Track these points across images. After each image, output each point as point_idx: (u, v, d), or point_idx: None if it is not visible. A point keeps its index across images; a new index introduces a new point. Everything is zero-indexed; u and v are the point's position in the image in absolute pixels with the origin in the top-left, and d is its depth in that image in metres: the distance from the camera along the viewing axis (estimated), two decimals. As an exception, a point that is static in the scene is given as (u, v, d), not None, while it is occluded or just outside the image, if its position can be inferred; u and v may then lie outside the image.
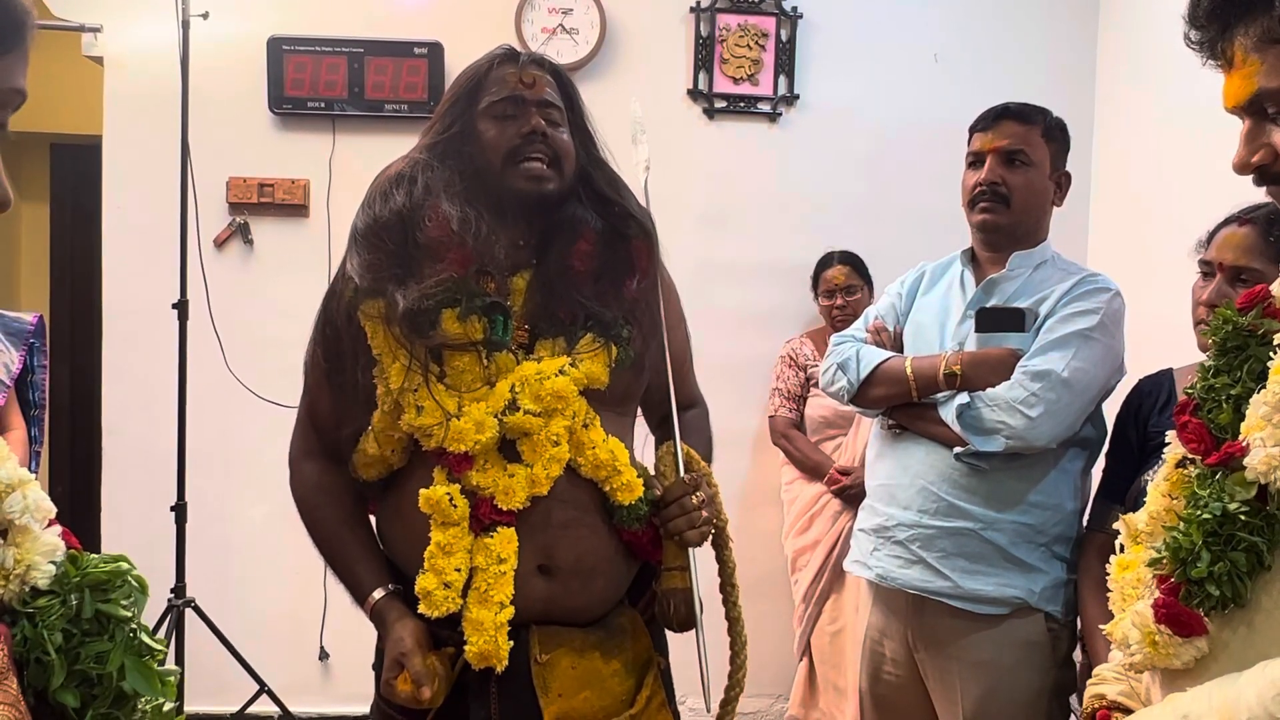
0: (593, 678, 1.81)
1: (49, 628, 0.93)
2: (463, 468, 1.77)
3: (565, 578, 1.81)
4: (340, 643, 4.24)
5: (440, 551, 1.75)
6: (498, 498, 1.76)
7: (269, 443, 3.99)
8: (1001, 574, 2.33)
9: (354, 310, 1.83)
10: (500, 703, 1.77)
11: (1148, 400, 2.27)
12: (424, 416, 1.76)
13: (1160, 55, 3.85)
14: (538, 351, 1.82)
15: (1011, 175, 2.42)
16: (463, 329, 1.75)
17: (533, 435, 1.77)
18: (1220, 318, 1.19)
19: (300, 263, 4.17)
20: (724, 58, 4.34)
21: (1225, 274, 2.09)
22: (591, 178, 1.93)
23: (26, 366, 2.87)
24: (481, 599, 1.73)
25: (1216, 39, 1.12)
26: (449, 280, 1.76)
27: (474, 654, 1.72)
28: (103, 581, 0.99)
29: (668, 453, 1.95)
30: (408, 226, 1.79)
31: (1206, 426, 1.15)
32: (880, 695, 2.55)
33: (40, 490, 0.97)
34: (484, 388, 1.77)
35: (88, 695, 0.96)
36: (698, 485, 1.87)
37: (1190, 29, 1.14)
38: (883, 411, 2.51)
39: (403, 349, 1.77)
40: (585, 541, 1.82)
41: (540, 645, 1.78)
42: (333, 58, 4.16)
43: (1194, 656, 1.09)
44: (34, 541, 0.95)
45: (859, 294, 4.05)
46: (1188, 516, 1.10)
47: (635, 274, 1.90)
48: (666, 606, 1.87)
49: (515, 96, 1.86)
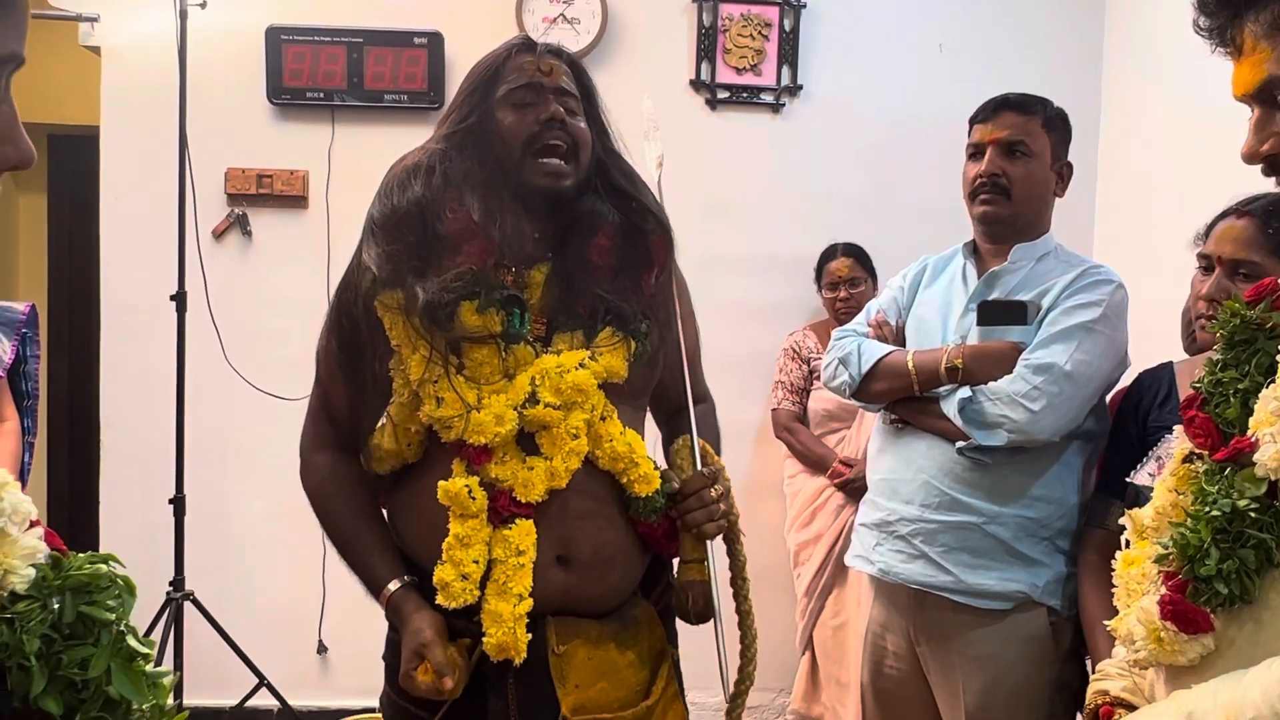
0: (609, 669, 1.82)
1: (28, 633, 0.92)
2: (482, 460, 1.78)
3: (583, 569, 1.81)
4: (338, 636, 4.25)
5: (458, 543, 1.75)
6: (516, 490, 1.76)
7: (268, 435, 4.06)
8: (1004, 568, 2.33)
9: (371, 301, 1.83)
10: (517, 693, 1.77)
11: (1147, 394, 2.26)
12: (444, 408, 1.76)
13: (1167, 43, 3.83)
14: (556, 344, 1.82)
15: (1012, 166, 2.41)
16: (481, 321, 1.76)
17: (552, 428, 1.78)
18: (1228, 311, 1.18)
19: (299, 254, 4.18)
20: (726, 48, 4.31)
21: (1224, 267, 2.08)
22: (607, 170, 1.94)
23: (19, 356, 2.85)
24: (500, 591, 1.74)
25: (1226, 26, 1.11)
26: (468, 273, 1.76)
27: (492, 646, 1.73)
28: (85, 584, 0.97)
29: (684, 446, 1.96)
30: (427, 217, 1.79)
31: (1214, 421, 1.15)
32: (882, 689, 2.55)
33: (19, 493, 0.96)
34: (503, 380, 1.77)
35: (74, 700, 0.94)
36: (716, 478, 1.88)
37: (1199, 15, 1.14)
38: (885, 406, 2.51)
39: (422, 340, 1.77)
40: (603, 533, 1.83)
41: (557, 636, 1.79)
42: (332, 48, 4.14)
43: (1199, 653, 1.08)
44: (12, 545, 0.94)
45: (863, 286, 4.02)
46: (1196, 513, 1.10)
47: (653, 269, 1.91)
48: (684, 599, 1.88)
49: (533, 84, 1.86)
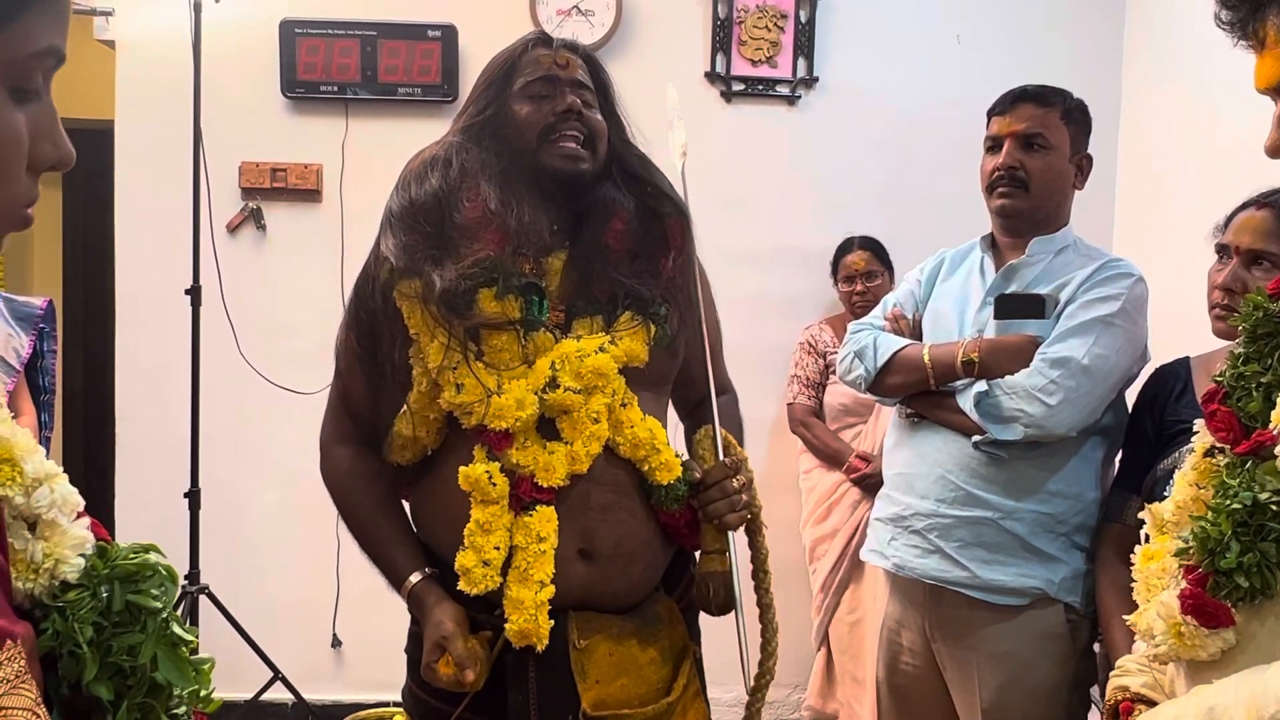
0: (630, 665, 1.81)
1: (80, 621, 0.93)
2: (502, 446, 1.78)
3: (605, 562, 1.81)
4: (353, 630, 4.26)
5: (480, 529, 1.76)
6: (538, 475, 1.76)
7: (282, 428, 4.08)
8: (1020, 564, 2.31)
9: (390, 291, 1.83)
10: (538, 687, 1.77)
11: (1164, 389, 2.25)
12: (464, 394, 1.77)
13: (1189, 34, 3.79)
14: (575, 330, 1.83)
15: (1030, 159, 2.39)
16: (500, 308, 1.76)
17: (573, 412, 1.77)
18: (1250, 304, 1.18)
19: (313, 248, 4.18)
20: (742, 39, 4.29)
21: (1241, 257, 2.09)
22: (624, 159, 1.95)
23: (36, 351, 2.86)
24: (521, 577, 1.74)
25: (1248, 19, 1.11)
26: (486, 260, 1.76)
27: (514, 632, 1.73)
28: (132, 573, 0.99)
29: (706, 436, 1.95)
30: (444, 208, 1.80)
31: (1236, 415, 1.14)
32: (897, 685, 2.54)
33: (68, 484, 0.98)
34: (522, 366, 1.78)
35: (122, 686, 0.96)
36: (738, 469, 1.87)
37: (1221, 9, 1.13)
38: (900, 400, 2.50)
39: (441, 328, 1.77)
40: (625, 525, 1.83)
41: (579, 630, 1.78)
42: (345, 40, 4.13)
43: (1220, 648, 1.08)
44: (62, 535, 0.95)
45: (879, 280, 4.00)
46: (1216, 506, 1.09)
47: (670, 252, 1.91)
48: (705, 590, 1.87)
49: (550, 76, 1.87)
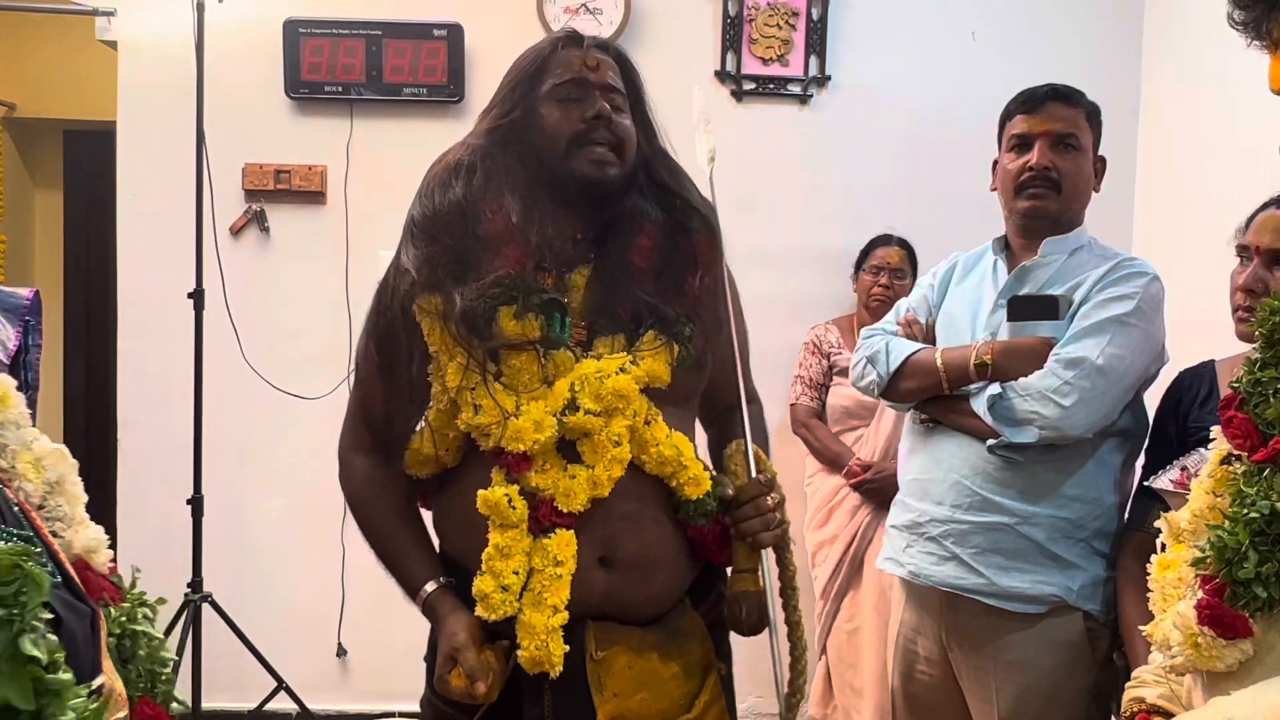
0: (650, 679, 1.78)
1: None
2: (521, 468, 1.75)
3: (625, 570, 1.78)
4: (358, 639, 4.24)
5: (498, 554, 1.73)
6: (558, 500, 1.74)
7: (286, 434, 4.06)
8: (1038, 570, 2.28)
9: (409, 304, 1.81)
10: (553, 700, 1.75)
11: (1188, 393, 2.22)
12: (481, 415, 1.74)
13: (1208, 34, 3.75)
14: (596, 349, 1.80)
15: (1063, 160, 2.36)
16: (519, 327, 1.73)
17: (593, 435, 1.74)
18: (1267, 309, 1.17)
19: (318, 251, 4.17)
20: (753, 37, 4.25)
21: (1262, 258, 2.07)
22: (652, 167, 1.91)
23: (21, 345, 2.82)
24: (535, 601, 1.71)
25: (1261, 19, 1.11)
26: (506, 277, 1.74)
27: (526, 659, 1.71)
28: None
29: (738, 451, 1.92)
30: (467, 219, 1.78)
31: (1253, 421, 1.13)
32: (913, 695, 2.52)
33: None
34: (541, 387, 1.75)
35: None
36: (772, 486, 1.85)
37: (1234, 9, 1.13)
38: (914, 405, 2.47)
39: (460, 348, 1.74)
40: (648, 533, 1.80)
41: (596, 641, 1.76)
42: (350, 40, 4.11)
43: (1238, 659, 1.08)
44: None
45: (905, 280, 3.93)
46: (1234, 515, 1.08)
47: (698, 270, 1.88)
48: (737, 610, 1.85)
49: (580, 79, 1.84)
